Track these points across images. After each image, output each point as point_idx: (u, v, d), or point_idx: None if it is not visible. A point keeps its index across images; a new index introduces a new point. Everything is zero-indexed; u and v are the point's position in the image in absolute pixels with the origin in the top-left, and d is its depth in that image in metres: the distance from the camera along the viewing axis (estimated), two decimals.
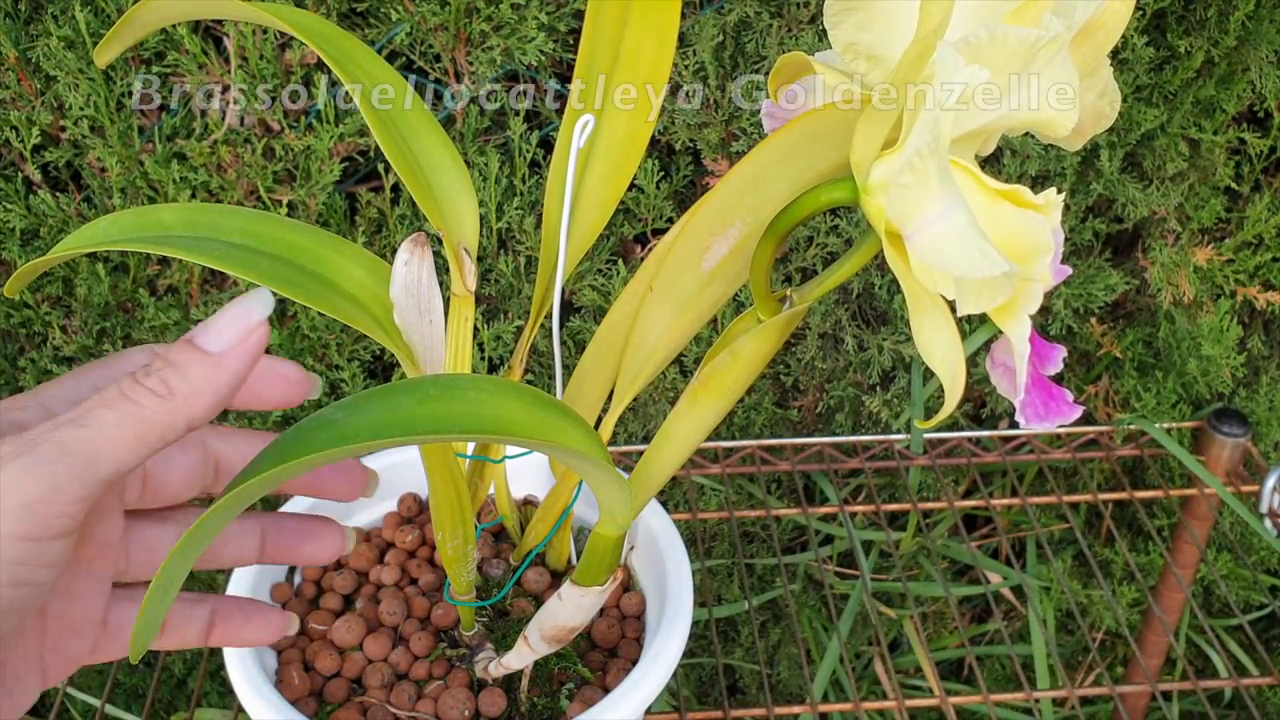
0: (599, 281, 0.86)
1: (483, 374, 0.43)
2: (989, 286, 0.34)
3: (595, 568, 0.48)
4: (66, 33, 0.75)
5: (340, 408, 0.36)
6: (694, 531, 0.90)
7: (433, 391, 0.37)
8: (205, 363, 0.34)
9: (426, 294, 0.47)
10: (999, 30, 0.33)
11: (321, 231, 0.48)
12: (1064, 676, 0.76)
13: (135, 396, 0.33)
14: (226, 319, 0.35)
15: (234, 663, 0.52)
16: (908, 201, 0.34)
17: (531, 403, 0.40)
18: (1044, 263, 0.34)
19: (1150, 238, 0.91)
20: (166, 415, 0.33)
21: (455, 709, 0.52)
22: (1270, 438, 0.94)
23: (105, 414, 0.33)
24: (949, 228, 0.33)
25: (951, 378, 0.37)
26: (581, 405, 0.50)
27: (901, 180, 0.34)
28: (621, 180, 0.50)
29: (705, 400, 0.44)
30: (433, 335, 0.47)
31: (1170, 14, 0.83)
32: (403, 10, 0.77)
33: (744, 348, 0.42)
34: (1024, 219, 0.34)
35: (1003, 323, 0.36)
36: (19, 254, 0.81)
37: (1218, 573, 0.89)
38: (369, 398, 0.36)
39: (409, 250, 0.46)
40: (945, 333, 0.37)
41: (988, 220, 0.34)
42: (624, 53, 0.48)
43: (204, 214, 0.46)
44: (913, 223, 0.34)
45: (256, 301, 0.35)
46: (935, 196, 0.33)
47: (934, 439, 0.91)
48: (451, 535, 0.51)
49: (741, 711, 0.72)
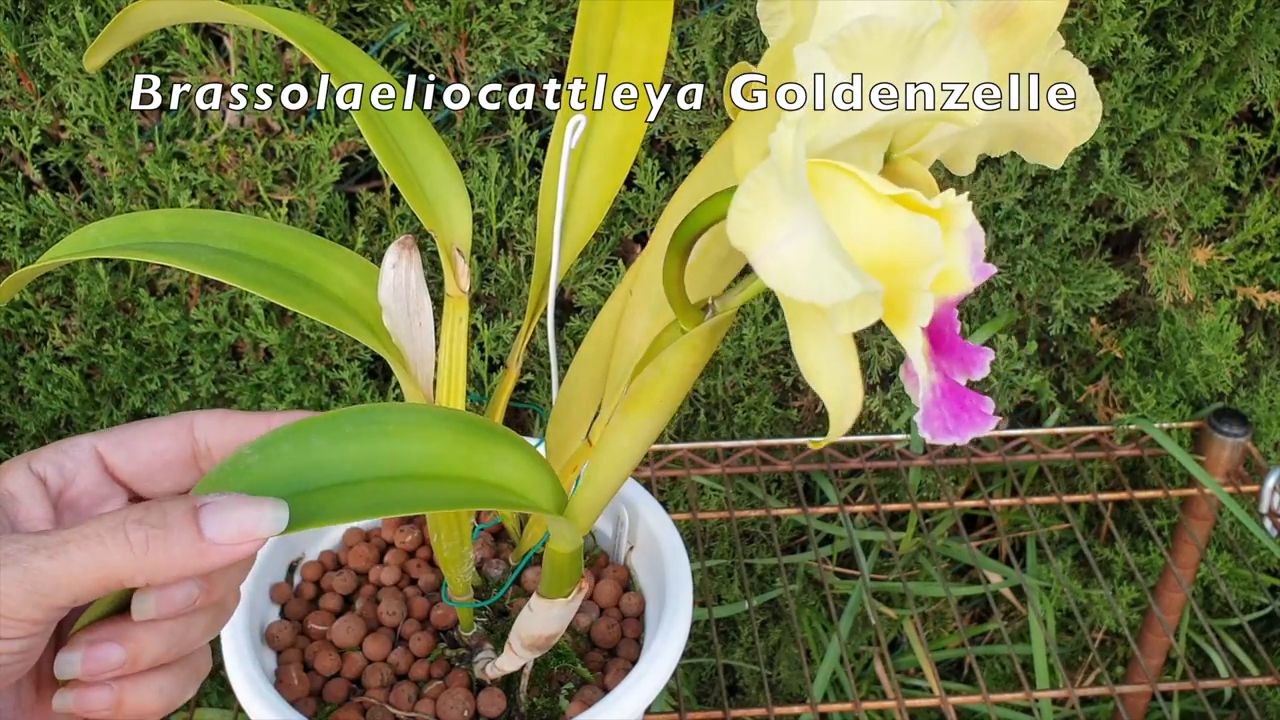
0: (599, 281, 0.86)
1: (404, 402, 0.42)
2: (856, 306, 0.31)
3: (557, 582, 0.48)
4: (66, 33, 0.75)
5: (256, 448, 0.35)
6: (694, 531, 0.90)
7: (348, 429, 0.36)
8: (192, 546, 0.33)
9: (415, 296, 0.47)
10: (873, 21, 0.30)
11: (312, 236, 0.48)
12: (1064, 676, 0.76)
13: (112, 543, 0.33)
14: (239, 515, 0.33)
15: (234, 663, 0.52)
16: (749, 226, 0.31)
17: (463, 431, 0.39)
18: (932, 272, 0.32)
19: (1150, 238, 0.91)
20: (131, 569, 0.33)
21: (455, 709, 0.52)
22: (1270, 438, 0.94)
23: (77, 553, 0.33)
24: (796, 250, 0.30)
25: (840, 400, 0.35)
26: (574, 408, 0.50)
27: (740, 205, 0.31)
28: (616, 179, 0.49)
29: (636, 415, 0.42)
30: (422, 337, 0.47)
31: (1170, 14, 0.83)
32: (403, 10, 0.77)
33: (669, 360, 0.40)
34: (914, 225, 0.32)
35: (896, 334, 0.33)
36: (19, 254, 0.81)
37: (1218, 573, 0.89)
38: (282, 438, 0.35)
39: (396, 253, 0.46)
40: (832, 350, 0.34)
41: (872, 228, 0.32)
42: (617, 51, 0.48)
43: (193, 219, 0.46)
44: (757, 248, 0.31)
45: (274, 516, 0.34)
46: (780, 220, 0.30)
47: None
48: (447, 536, 0.51)
49: (741, 711, 0.72)
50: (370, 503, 0.36)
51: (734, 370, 0.91)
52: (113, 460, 0.41)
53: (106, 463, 0.41)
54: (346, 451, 0.36)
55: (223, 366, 0.86)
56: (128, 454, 0.42)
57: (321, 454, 0.35)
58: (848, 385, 0.35)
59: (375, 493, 0.36)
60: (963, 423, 0.34)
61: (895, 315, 0.33)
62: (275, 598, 0.59)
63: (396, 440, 0.37)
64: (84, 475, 0.41)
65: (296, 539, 0.61)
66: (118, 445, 0.41)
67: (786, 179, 0.30)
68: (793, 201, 0.30)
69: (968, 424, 0.34)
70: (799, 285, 0.30)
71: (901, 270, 0.32)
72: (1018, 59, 0.35)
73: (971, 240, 0.33)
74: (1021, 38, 0.35)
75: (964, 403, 0.34)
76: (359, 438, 0.36)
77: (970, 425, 0.34)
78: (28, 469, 0.39)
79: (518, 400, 0.89)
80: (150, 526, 0.33)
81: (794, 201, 0.30)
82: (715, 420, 0.94)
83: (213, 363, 0.86)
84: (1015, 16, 0.34)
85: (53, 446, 0.41)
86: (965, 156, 0.38)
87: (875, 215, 0.32)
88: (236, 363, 0.88)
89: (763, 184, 0.30)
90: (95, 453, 0.41)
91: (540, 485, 0.41)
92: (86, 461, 0.41)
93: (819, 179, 0.33)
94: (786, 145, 0.29)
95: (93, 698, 0.35)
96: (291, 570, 0.60)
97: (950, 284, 0.33)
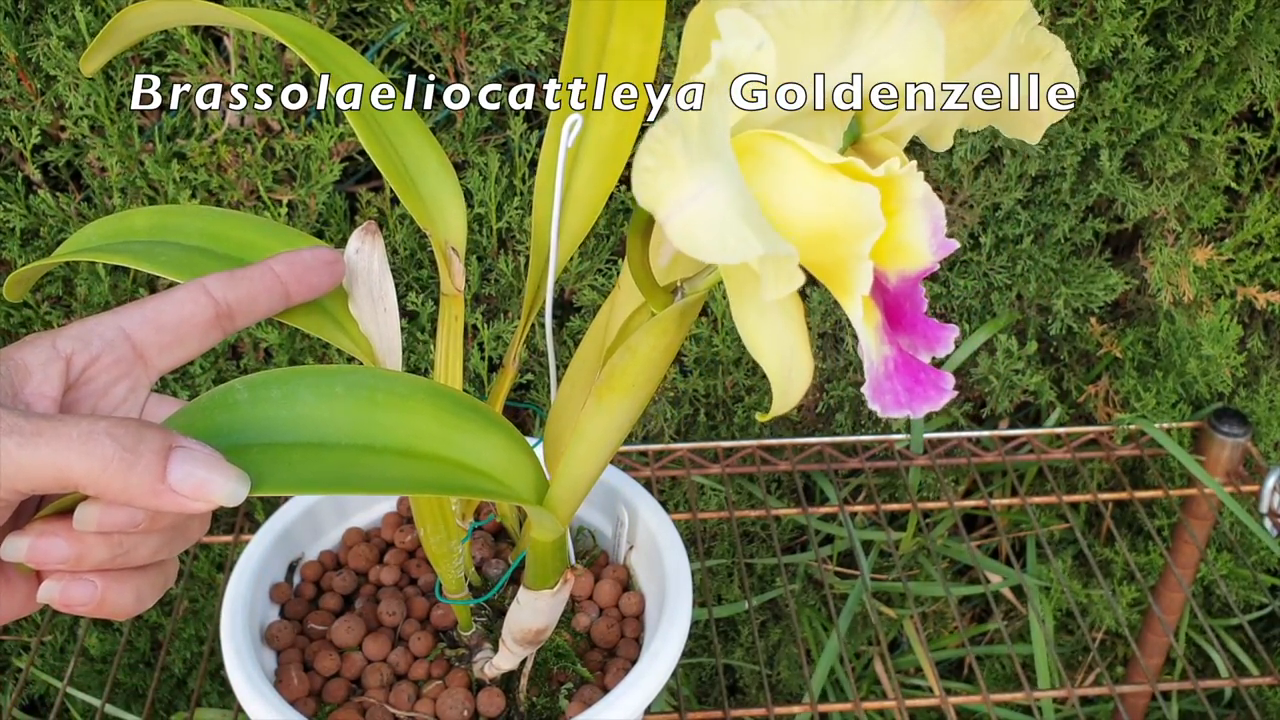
0: (599, 281, 0.86)
1: (398, 372, 0.42)
2: (772, 268, 0.30)
3: (541, 572, 0.48)
4: (66, 33, 0.75)
5: (248, 385, 0.35)
6: (694, 531, 0.90)
7: (339, 389, 0.36)
8: (150, 484, 0.33)
9: (379, 281, 0.47)
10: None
11: (286, 230, 0.48)
12: (1064, 676, 0.76)
13: (81, 449, 0.33)
14: (204, 474, 0.34)
15: (234, 663, 0.52)
16: (653, 185, 0.30)
17: (448, 409, 0.38)
18: (869, 239, 0.31)
19: (1150, 238, 0.91)
20: (87, 480, 0.33)
21: (454, 709, 0.52)
22: (1270, 438, 0.94)
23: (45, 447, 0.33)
24: (702, 209, 0.29)
25: (782, 373, 0.34)
26: (573, 405, 0.50)
27: (642, 163, 0.30)
28: (611, 177, 0.49)
29: (610, 398, 0.42)
30: (388, 324, 0.47)
31: (1170, 14, 0.83)
32: (403, 10, 0.77)
33: (640, 343, 0.40)
34: (851, 192, 0.31)
35: (841, 303, 0.33)
36: (19, 254, 0.81)
37: (1218, 572, 0.89)
38: (273, 382, 0.35)
39: (359, 238, 0.46)
40: (773, 319, 0.34)
41: (811, 196, 0.32)
42: (610, 50, 0.48)
43: (170, 216, 0.46)
44: (664, 207, 0.30)
45: (232, 490, 0.34)
46: (688, 178, 0.29)
47: (934, 439, 0.91)
48: (433, 530, 0.51)
49: (741, 711, 0.72)
50: (340, 475, 0.35)
51: (734, 370, 0.91)
52: (139, 336, 0.41)
53: (133, 340, 0.41)
54: (333, 411, 0.36)
55: (223, 366, 0.86)
56: (154, 327, 0.41)
57: (307, 408, 0.36)
58: (792, 356, 0.34)
59: (350, 464, 0.35)
60: (916, 396, 0.33)
61: (838, 284, 0.32)
62: (275, 598, 0.59)
63: (384, 411, 0.37)
64: (108, 354, 0.41)
65: (297, 539, 0.61)
66: (142, 321, 0.41)
67: (692, 137, 0.29)
68: (700, 159, 0.29)
69: (920, 398, 0.33)
70: (702, 246, 0.29)
71: (841, 239, 0.32)
72: (986, 37, 0.35)
73: (929, 213, 0.33)
74: (991, 16, 0.35)
75: (918, 376, 0.34)
76: (349, 399, 0.36)
77: (924, 399, 0.33)
78: (52, 345, 0.39)
79: (517, 400, 0.89)
80: (121, 447, 0.33)
81: (703, 159, 0.29)
82: (715, 420, 0.94)
83: (212, 363, 0.86)
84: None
85: (78, 325, 0.40)
86: (942, 132, 0.38)
87: (815, 183, 0.32)
88: (236, 363, 0.88)
89: (664, 143, 0.29)
90: (122, 332, 0.41)
91: (521, 472, 0.41)
92: (114, 341, 0.41)
93: (757, 148, 0.32)
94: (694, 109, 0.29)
95: (76, 591, 0.36)
96: (291, 570, 0.60)
97: (908, 258, 0.33)
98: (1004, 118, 0.38)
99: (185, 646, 0.99)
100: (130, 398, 0.41)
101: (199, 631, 0.98)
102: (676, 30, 0.79)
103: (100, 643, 0.98)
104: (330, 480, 0.35)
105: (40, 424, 0.33)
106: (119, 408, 0.41)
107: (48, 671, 0.99)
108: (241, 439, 0.35)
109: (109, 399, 0.41)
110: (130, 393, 0.41)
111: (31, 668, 0.89)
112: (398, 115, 0.48)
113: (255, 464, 0.34)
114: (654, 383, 0.42)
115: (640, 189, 0.30)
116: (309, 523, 0.61)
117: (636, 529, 0.60)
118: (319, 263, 0.45)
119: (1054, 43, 0.37)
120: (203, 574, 0.95)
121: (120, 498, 0.34)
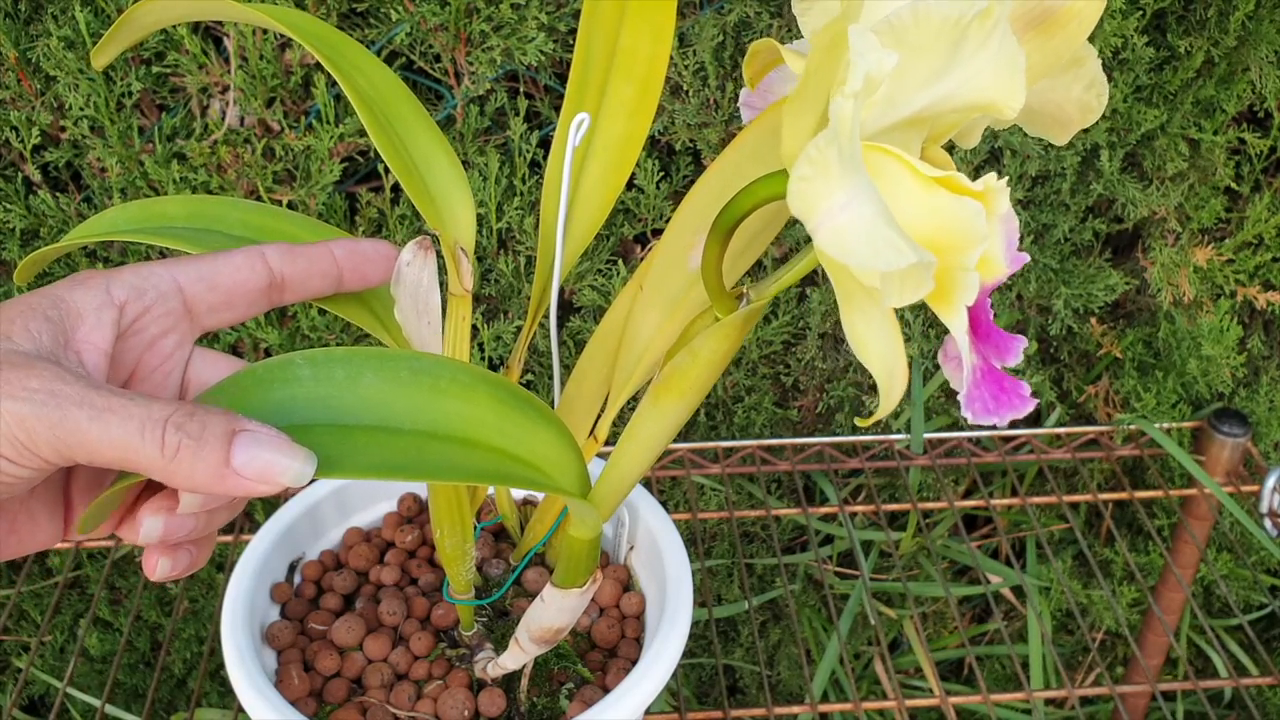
0: (599, 281, 0.86)
1: (455, 360, 0.42)
2: (908, 278, 0.32)
3: (573, 570, 0.47)
4: (66, 33, 0.75)
5: (309, 361, 0.35)
6: (694, 531, 0.90)
7: (404, 374, 0.36)
8: (216, 469, 0.33)
9: (426, 297, 0.47)
10: (921, 7, 0.31)
11: (321, 224, 0.48)
12: (1064, 676, 0.76)
13: (148, 437, 0.33)
14: (270, 456, 0.33)
15: (234, 662, 0.52)
16: (808, 195, 0.32)
17: (504, 398, 0.38)
18: (977, 251, 0.33)
19: (1150, 238, 0.91)
20: (152, 466, 0.33)
21: (455, 709, 0.52)
22: (1270, 438, 0.94)
23: (114, 428, 0.33)
24: (853, 219, 0.31)
25: (888, 375, 0.35)
26: (579, 405, 0.50)
27: (800, 173, 0.32)
28: (619, 178, 0.49)
29: (667, 400, 0.42)
30: (429, 339, 0.47)
31: (1170, 14, 0.83)
32: (403, 10, 0.77)
33: (702, 346, 0.41)
34: (958, 206, 0.33)
35: (941, 314, 0.34)
36: (19, 254, 0.81)
37: (1218, 573, 0.89)
38: (337, 360, 0.35)
39: (413, 251, 0.46)
40: (880, 327, 0.35)
41: (918, 209, 0.33)
42: (620, 51, 0.48)
43: (207, 205, 0.46)
44: (815, 216, 0.32)
45: (300, 470, 0.34)
46: (839, 188, 0.31)
47: (934, 439, 0.91)
48: (450, 533, 0.51)
49: (741, 711, 0.72)
50: (407, 461, 0.35)
51: (734, 370, 0.91)
52: (191, 292, 0.41)
53: (185, 295, 0.41)
54: (399, 395, 0.36)
55: None
56: (208, 285, 0.41)
57: (372, 391, 0.35)
58: (896, 362, 0.35)
59: (416, 450, 0.35)
60: (1002, 404, 0.35)
61: (941, 296, 0.33)
62: (275, 598, 0.59)
63: (448, 399, 0.37)
64: (160, 306, 0.40)
65: (297, 538, 0.61)
66: (197, 278, 0.41)
67: (844, 147, 0.30)
68: (849, 170, 0.31)
69: (1006, 405, 0.35)
70: (855, 253, 0.31)
71: (946, 250, 0.33)
72: (1050, 60, 0.36)
73: (1007, 227, 0.34)
74: (1057, 39, 0.35)
75: (1002, 384, 0.35)
76: (414, 385, 0.36)
77: (1009, 407, 0.35)
78: (106, 290, 0.39)
79: None
80: (186, 435, 0.33)
81: (851, 171, 0.31)
82: (715, 420, 0.94)
83: None
84: (1054, 18, 0.35)
85: (132, 269, 0.40)
86: (973, 132, 0.39)
87: (921, 196, 0.33)
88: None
89: (823, 152, 0.31)
90: (176, 284, 0.41)
91: (567, 466, 0.41)
92: (168, 293, 0.40)
93: (868, 160, 0.34)
94: (846, 113, 0.30)
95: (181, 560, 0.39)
96: (292, 570, 0.60)
97: (988, 270, 0.34)
98: (1033, 120, 0.39)
99: (185, 646, 0.99)
100: (177, 352, 0.41)
101: (199, 631, 0.98)
102: (677, 31, 0.79)
103: (100, 643, 0.98)
104: (398, 465, 0.35)
105: (111, 400, 0.33)
106: (166, 362, 0.41)
107: (48, 671, 0.99)
108: (305, 418, 0.35)
109: (156, 351, 0.40)
110: (177, 347, 0.41)
111: (31, 668, 0.89)
112: (408, 113, 0.48)
113: (322, 445, 0.34)
114: (708, 387, 0.42)
115: (795, 198, 0.32)
116: (309, 522, 0.61)
117: (637, 529, 0.60)
118: (378, 255, 0.45)
119: (1088, 51, 0.38)
120: (203, 574, 0.95)
121: (185, 485, 0.34)
